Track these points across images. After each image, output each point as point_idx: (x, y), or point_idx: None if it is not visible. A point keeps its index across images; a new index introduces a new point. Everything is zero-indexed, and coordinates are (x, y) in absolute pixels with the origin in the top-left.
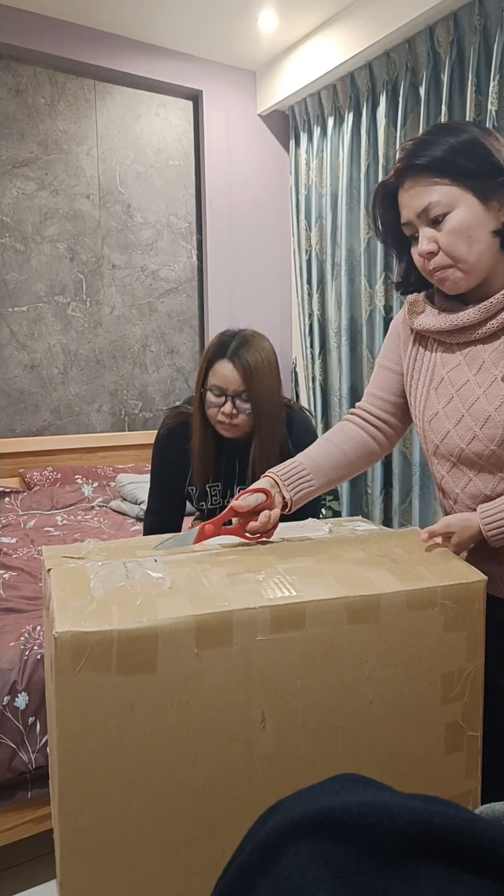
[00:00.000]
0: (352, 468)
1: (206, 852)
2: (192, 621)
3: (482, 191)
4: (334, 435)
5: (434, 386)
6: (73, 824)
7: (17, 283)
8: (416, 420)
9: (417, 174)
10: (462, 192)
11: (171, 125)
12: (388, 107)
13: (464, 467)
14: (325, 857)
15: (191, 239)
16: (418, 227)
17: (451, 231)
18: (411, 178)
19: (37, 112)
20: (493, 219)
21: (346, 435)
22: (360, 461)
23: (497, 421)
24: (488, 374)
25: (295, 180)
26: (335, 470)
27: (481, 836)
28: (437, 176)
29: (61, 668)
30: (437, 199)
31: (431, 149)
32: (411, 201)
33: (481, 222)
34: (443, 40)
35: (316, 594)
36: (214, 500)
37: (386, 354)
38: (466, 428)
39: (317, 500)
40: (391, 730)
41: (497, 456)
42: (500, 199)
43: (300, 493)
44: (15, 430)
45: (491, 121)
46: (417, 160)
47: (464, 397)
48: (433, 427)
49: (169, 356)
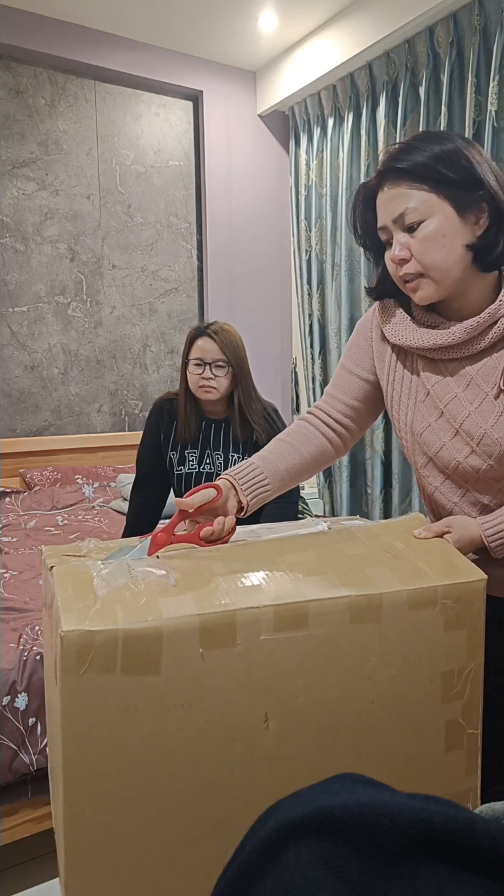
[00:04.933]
0: (307, 471)
1: (209, 852)
2: (196, 621)
3: (459, 202)
4: (291, 436)
5: (420, 399)
6: (77, 825)
7: (18, 284)
8: (401, 433)
9: (398, 178)
10: (439, 201)
11: (171, 125)
12: (388, 107)
13: (459, 479)
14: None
15: (191, 239)
16: (393, 233)
17: (425, 238)
18: (391, 181)
19: (37, 112)
20: (468, 232)
21: (304, 437)
22: (315, 463)
23: (494, 438)
24: (478, 390)
25: (295, 180)
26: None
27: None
28: (417, 182)
29: (66, 667)
30: (413, 206)
31: (414, 154)
32: (388, 205)
33: (455, 233)
34: (442, 41)
35: (319, 593)
36: (191, 466)
37: (352, 358)
38: (463, 443)
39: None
40: (392, 729)
41: (495, 470)
42: (477, 214)
43: (256, 496)
44: (15, 430)
45: (490, 121)
46: (399, 164)
47: (454, 413)
48: (425, 440)
49: (169, 356)
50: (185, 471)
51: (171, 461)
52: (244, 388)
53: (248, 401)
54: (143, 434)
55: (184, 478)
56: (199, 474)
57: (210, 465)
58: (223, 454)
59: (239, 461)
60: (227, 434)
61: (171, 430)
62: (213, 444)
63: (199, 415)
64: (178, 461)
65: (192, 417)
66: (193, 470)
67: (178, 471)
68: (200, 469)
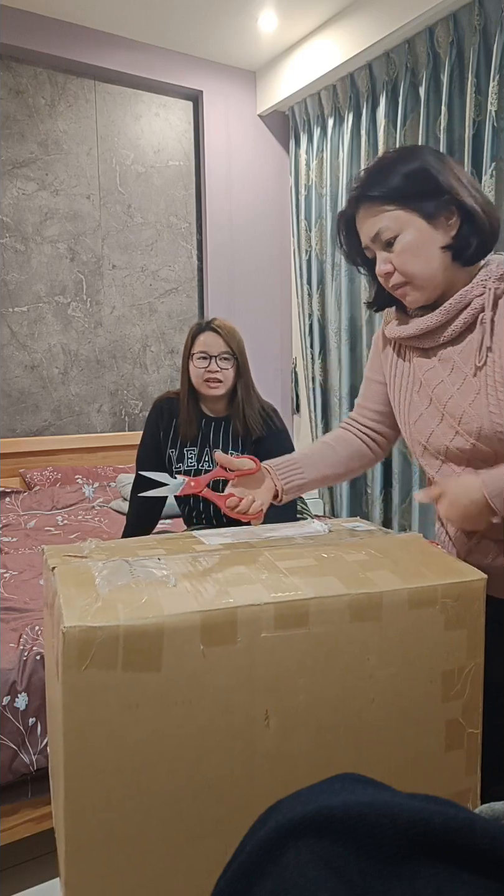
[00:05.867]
0: (346, 468)
1: (210, 850)
2: (198, 618)
3: (427, 210)
4: (329, 437)
5: (415, 389)
6: (78, 822)
7: (18, 284)
8: (402, 425)
9: (368, 203)
10: (408, 215)
11: (171, 125)
12: (387, 107)
13: (451, 464)
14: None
15: (191, 239)
16: (375, 250)
17: (402, 251)
18: (363, 206)
19: (37, 112)
20: (441, 235)
21: (342, 438)
22: (354, 462)
23: (472, 415)
24: (460, 372)
25: (295, 180)
26: (329, 467)
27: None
28: (385, 203)
29: (68, 664)
30: (386, 225)
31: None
32: (365, 227)
33: (429, 240)
34: (442, 41)
35: (319, 591)
36: (190, 463)
37: (371, 367)
38: (448, 426)
39: (292, 506)
40: (392, 728)
41: (478, 449)
42: (447, 216)
43: (291, 482)
44: (15, 430)
45: (490, 121)
46: (366, 191)
47: (440, 397)
48: (419, 428)
49: (169, 356)
50: (184, 468)
51: (169, 458)
52: (245, 385)
53: (249, 398)
54: (143, 434)
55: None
56: (198, 472)
57: (209, 462)
58: (222, 451)
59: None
60: (226, 432)
61: (170, 427)
62: (212, 442)
63: (200, 413)
64: (177, 458)
65: (193, 415)
66: (192, 467)
67: (176, 468)
68: (199, 466)
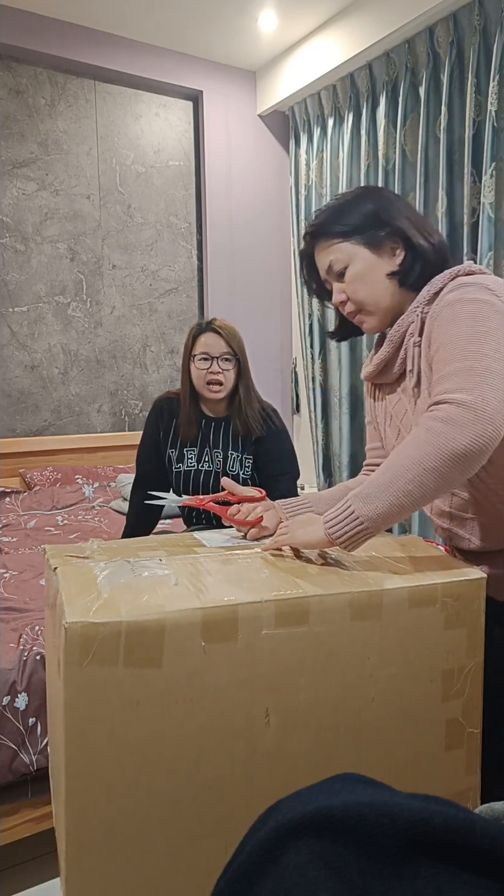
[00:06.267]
0: None
1: (210, 849)
2: (199, 614)
3: (371, 240)
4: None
5: (388, 424)
6: (79, 821)
7: (18, 284)
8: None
9: (320, 239)
10: (355, 247)
11: (171, 125)
12: (387, 107)
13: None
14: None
15: (191, 239)
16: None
17: (351, 280)
18: (316, 243)
19: (37, 112)
20: (387, 263)
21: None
22: None
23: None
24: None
25: (295, 181)
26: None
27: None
28: (333, 238)
29: (70, 660)
30: (335, 258)
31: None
32: (320, 261)
33: (374, 269)
34: (442, 41)
35: (319, 589)
36: (190, 463)
37: (366, 410)
38: None
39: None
40: (392, 727)
41: None
42: (392, 246)
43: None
44: (15, 430)
45: (490, 121)
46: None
47: (406, 427)
48: None
49: (169, 356)
50: (184, 468)
51: (169, 458)
52: (245, 385)
53: (249, 398)
54: (143, 434)
55: (182, 475)
56: (198, 472)
57: (209, 462)
58: (222, 452)
59: (237, 459)
60: (226, 432)
61: (170, 427)
62: (212, 442)
63: (200, 413)
64: (176, 458)
65: (193, 416)
66: (192, 467)
67: (176, 468)
68: (199, 466)
